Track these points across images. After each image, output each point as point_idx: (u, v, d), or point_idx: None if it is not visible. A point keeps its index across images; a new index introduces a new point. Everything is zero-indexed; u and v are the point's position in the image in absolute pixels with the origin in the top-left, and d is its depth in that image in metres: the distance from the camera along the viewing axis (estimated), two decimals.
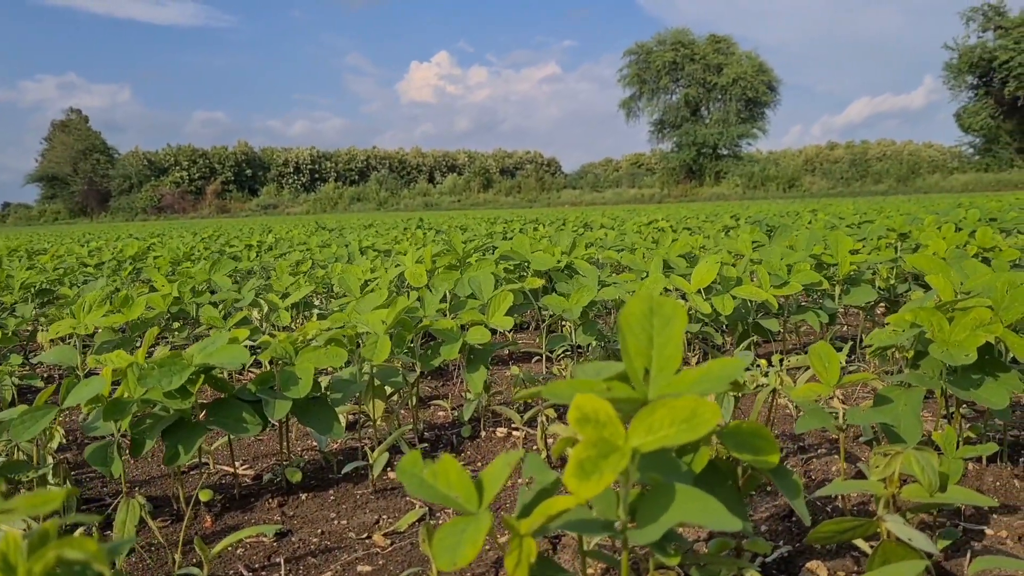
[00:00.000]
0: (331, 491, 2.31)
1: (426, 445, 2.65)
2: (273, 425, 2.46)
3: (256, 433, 2.09)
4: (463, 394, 3.39)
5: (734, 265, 4.01)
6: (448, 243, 3.98)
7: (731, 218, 11.01)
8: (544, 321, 3.63)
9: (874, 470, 1.46)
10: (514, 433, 2.72)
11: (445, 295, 2.96)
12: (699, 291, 3.31)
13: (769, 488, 2.00)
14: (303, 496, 2.27)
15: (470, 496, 1.15)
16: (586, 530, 1.19)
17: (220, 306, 3.79)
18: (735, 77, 73.67)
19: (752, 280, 3.60)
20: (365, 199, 71.99)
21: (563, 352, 3.88)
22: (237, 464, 2.60)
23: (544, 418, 2.31)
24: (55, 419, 1.98)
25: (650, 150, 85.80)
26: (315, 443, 2.76)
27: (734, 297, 3.34)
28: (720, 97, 75.87)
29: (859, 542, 1.53)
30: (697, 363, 3.70)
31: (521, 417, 2.43)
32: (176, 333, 3.96)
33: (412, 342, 2.61)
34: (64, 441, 2.40)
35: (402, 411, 3.07)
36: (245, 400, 2.17)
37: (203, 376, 2.04)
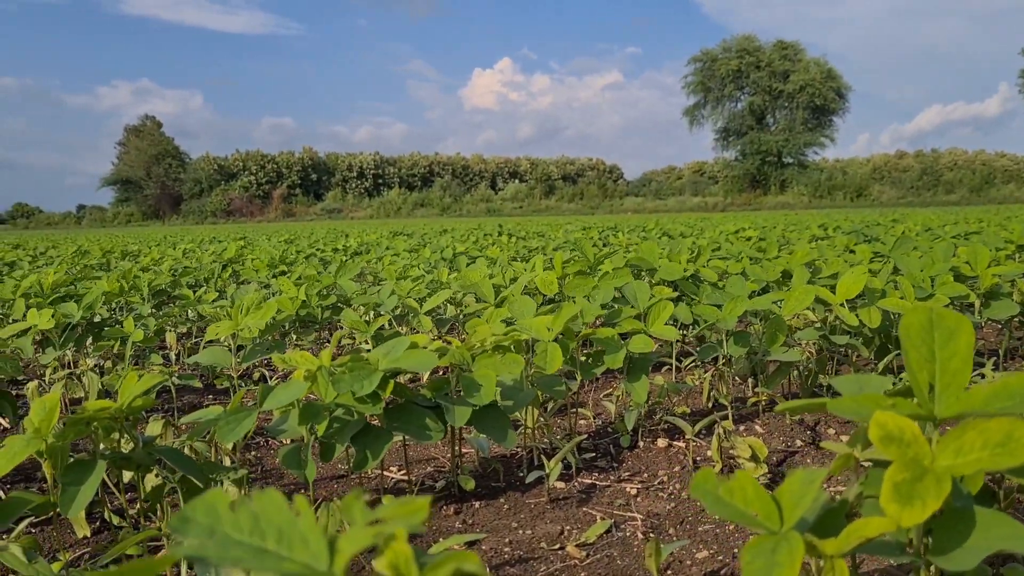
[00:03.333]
0: (501, 499, 2.29)
1: (592, 454, 2.62)
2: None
3: (438, 440, 2.08)
4: (598, 402, 3.35)
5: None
6: (579, 249, 3.95)
7: (819, 227, 10.80)
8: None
9: None
10: (675, 444, 2.67)
11: (606, 303, 2.93)
12: (843, 303, 3.23)
13: None
14: (476, 504, 2.25)
15: (770, 514, 1.11)
16: (883, 552, 1.14)
17: (361, 310, 3.82)
18: (802, 84, 72.58)
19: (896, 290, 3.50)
20: (428, 205, 72.65)
21: (691, 362, 3.82)
22: (393, 469, 2.61)
23: (721, 430, 2.26)
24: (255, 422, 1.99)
25: (713, 158, 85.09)
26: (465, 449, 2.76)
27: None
28: (786, 104, 74.86)
29: None
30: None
31: (692, 428, 2.38)
32: (303, 337, 4.00)
33: (574, 351, 2.58)
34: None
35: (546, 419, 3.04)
36: (422, 406, 2.17)
37: (392, 381, 2.03)
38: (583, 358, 2.63)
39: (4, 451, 1.68)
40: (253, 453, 2.82)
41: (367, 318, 3.85)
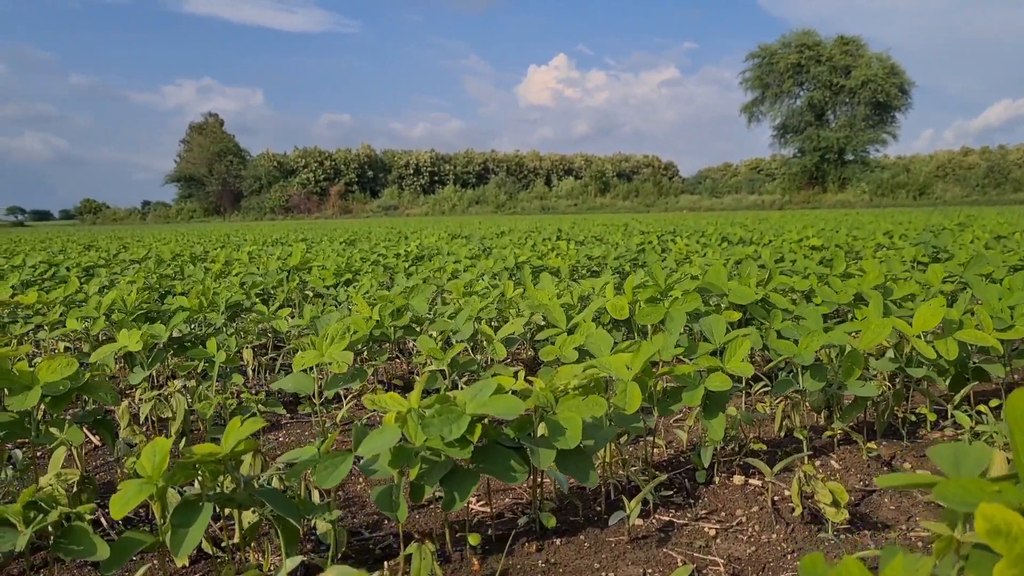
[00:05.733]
0: (581, 536, 2.33)
1: (669, 491, 2.65)
2: None
3: (523, 480, 2.14)
4: (669, 428, 3.38)
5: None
6: (649, 272, 3.98)
7: (883, 235, 10.61)
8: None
9: None
10: (751, 481, 2.69)
11: (679, 339, 2.96)
12: (920, 334, 3.21)
13: None
14: (557, 541, 2.30)
15: None
16: None
17: (437, 336, 3.89)
18: (864, 79, 71.05)
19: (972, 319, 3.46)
20: (483, 202, 72.97)
21: (761, 387, 3.82)
22: (472, 500, 2.67)
23: (802, 474, 2.28)
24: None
25: (771, 155, 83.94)
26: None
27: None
28: (847, 100, 73.38)
29: None
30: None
31: (771, 469, 2.40)
32: (376, 356, 4.09)
33: (651, 387, 2.61)
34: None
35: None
36: (506, 446, 2.22)
37: (479, 425, 2.09)
38: (660, 393, 2.66)
39: (119, 496, 1.77)
40: None
41: (439, 340, 3.92)
